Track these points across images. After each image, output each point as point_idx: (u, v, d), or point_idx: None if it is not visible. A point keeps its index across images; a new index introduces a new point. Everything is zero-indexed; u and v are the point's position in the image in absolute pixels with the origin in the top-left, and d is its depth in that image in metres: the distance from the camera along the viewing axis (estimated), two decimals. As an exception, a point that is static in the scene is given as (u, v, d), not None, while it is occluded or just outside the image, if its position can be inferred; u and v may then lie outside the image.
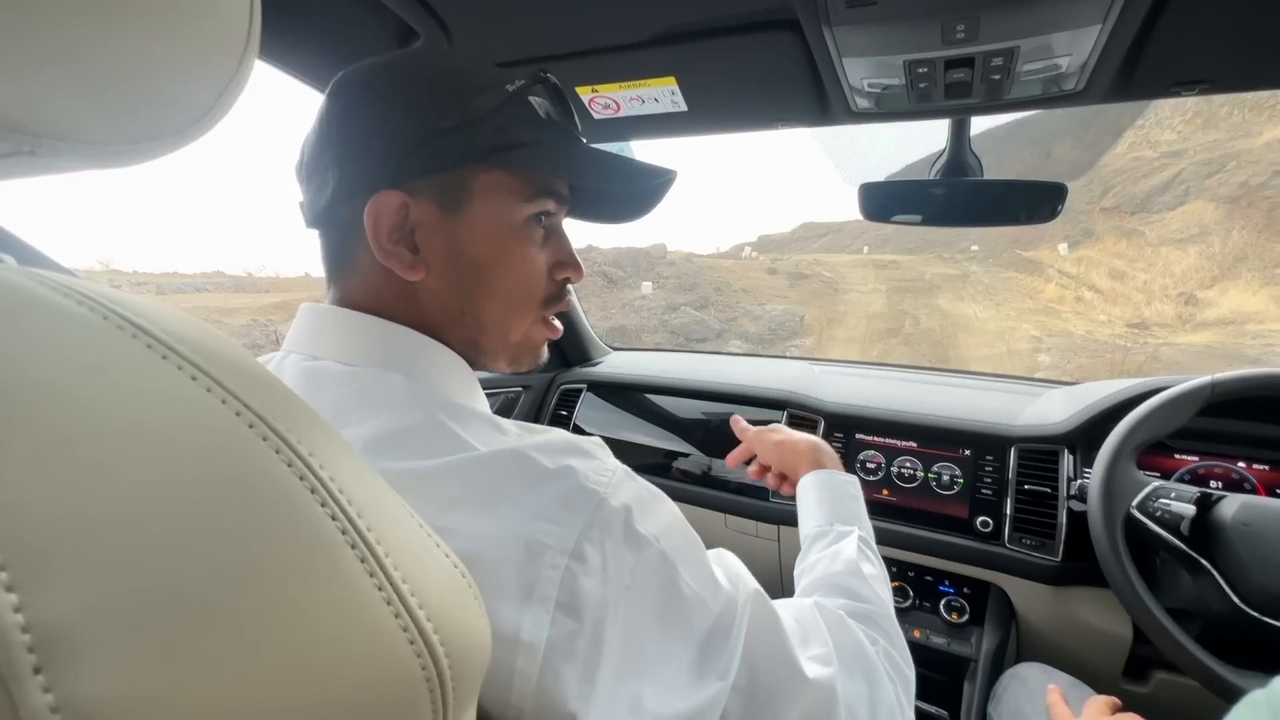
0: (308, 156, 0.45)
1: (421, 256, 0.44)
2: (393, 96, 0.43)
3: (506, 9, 0.72)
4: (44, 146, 0.22)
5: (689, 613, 0.38)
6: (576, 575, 0.34)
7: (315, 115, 0.45)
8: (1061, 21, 0.56)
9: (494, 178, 0.44)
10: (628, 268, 17.76)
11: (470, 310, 0.46)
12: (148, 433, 0.17)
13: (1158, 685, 0.95)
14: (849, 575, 0.56)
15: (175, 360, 0.19)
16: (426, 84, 0.43)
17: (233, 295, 12.25)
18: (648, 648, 0.36)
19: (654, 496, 0.42)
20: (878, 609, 0.53)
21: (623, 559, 0.36)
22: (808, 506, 0.68)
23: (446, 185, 0.43)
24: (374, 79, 0.44)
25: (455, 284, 0.45)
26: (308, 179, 0.45)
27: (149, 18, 0.22)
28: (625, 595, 0.36)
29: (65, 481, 0.15)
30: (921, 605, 1.07)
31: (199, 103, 0.26)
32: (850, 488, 0.69)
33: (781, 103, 0.81)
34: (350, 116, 0.43)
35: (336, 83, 0.45)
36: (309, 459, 0.20)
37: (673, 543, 0.40)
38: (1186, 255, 19.78)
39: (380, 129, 0.42)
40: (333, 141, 0.43)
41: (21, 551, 0.13)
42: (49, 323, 0.18)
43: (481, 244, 0.45)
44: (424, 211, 0.43)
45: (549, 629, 0.33)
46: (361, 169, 0.42)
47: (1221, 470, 0.96)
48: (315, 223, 0.47)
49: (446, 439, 0.38)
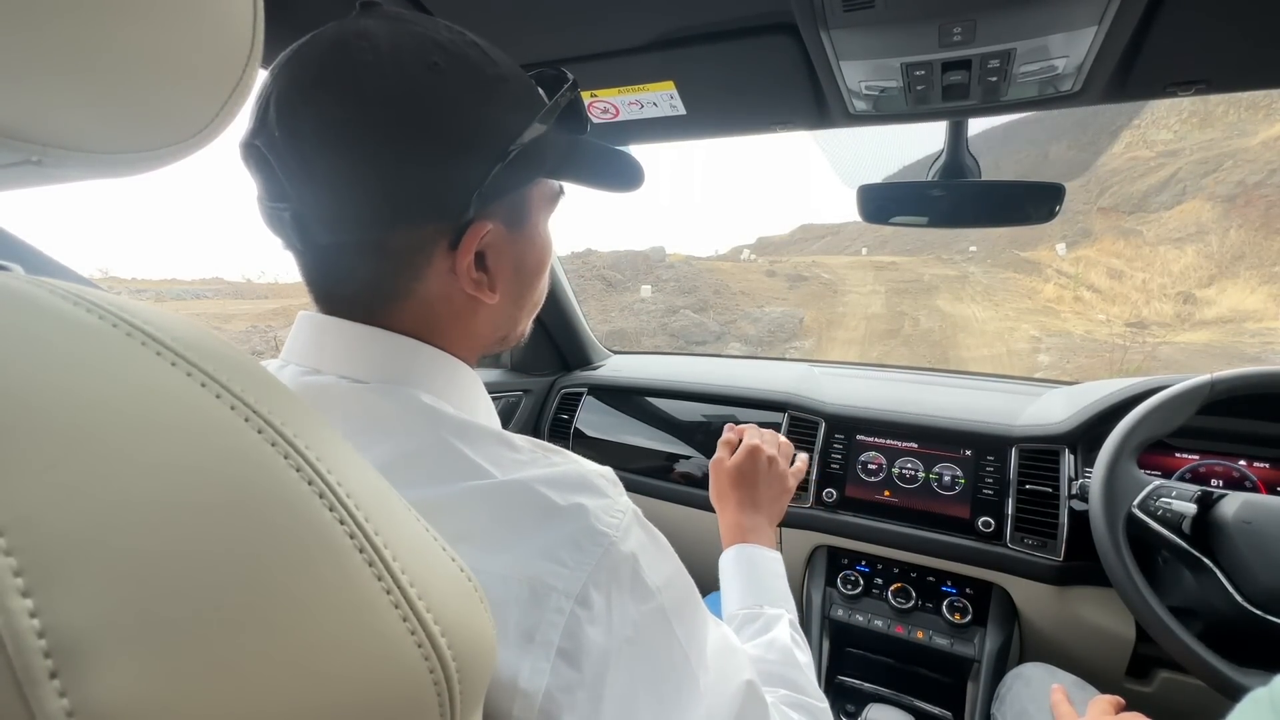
0: (320, 175, 0.37)
1: (490, 277, 0.43)
2: (464, 117, 0.38)
3: (504, 15, 0.72)
4: (50, 156, 0.22)
5: (681, 675, 0.38)
6: (580, 622, 0.33)
7: (316, 125, 0.36)
8: (1058, 23, 0.57)
9: (543, 189, 0.45)
10: (626, 271, 17.78)
11: (516, 315, 0.48)
12: (157, 439, 0.17)
13: (1161, 684, 0.95)
14: (786, 666, 0.54)
15: (184, 366, 0.19)
16: (497, 98, 0.39)
17: (232, 302, 12.26)
18: (642, 708, 0.35)
19: (659, 545, 0.41)
20: (814, 702, 0.53)
21: (626, 609, 0.36)
22: (731, 584, 0.65)
23: (514, 203, 0.43)
24: (431, 91, 0.37)
25: (513, 296, 0.46)
26: (313, 202, 0.38)
27: (154, 28, 0.22)
28: (627, 649, 0.35)
29: (77, 487, 0.15)
30: (924, 606, 1.07)
31: (204, 112, 0.26)
32: (775, 565, 0.65)
33: (779, 106, 0.82)
34: (405, 140, 0.36)
35: (366, 93, 0.36)
36: (316, 463, 0.20)
37: (673, 597, 0.39)
38: (1184, 254, 19.82)
39: (456, 157, 0.38)
40: (373, 170, 0.36)
41: (36, 557, 0.14)
42: (57, 330, 0.18)
43: (535, 255, 0.46)
44: (496, 234, 0.42)
45: (548, 677, 0.32)
46: (433, 199, 0.38)
47: (1222, 469, 0.96)
48: (333, 253, 0.40)
49: (457, 463, 0.37)
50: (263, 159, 0.37)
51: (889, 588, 1.10)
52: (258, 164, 0.38)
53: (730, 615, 0.62)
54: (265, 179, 0.39)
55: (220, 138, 0.28)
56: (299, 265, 0.43)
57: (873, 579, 1.12)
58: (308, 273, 0.43)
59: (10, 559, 0.13)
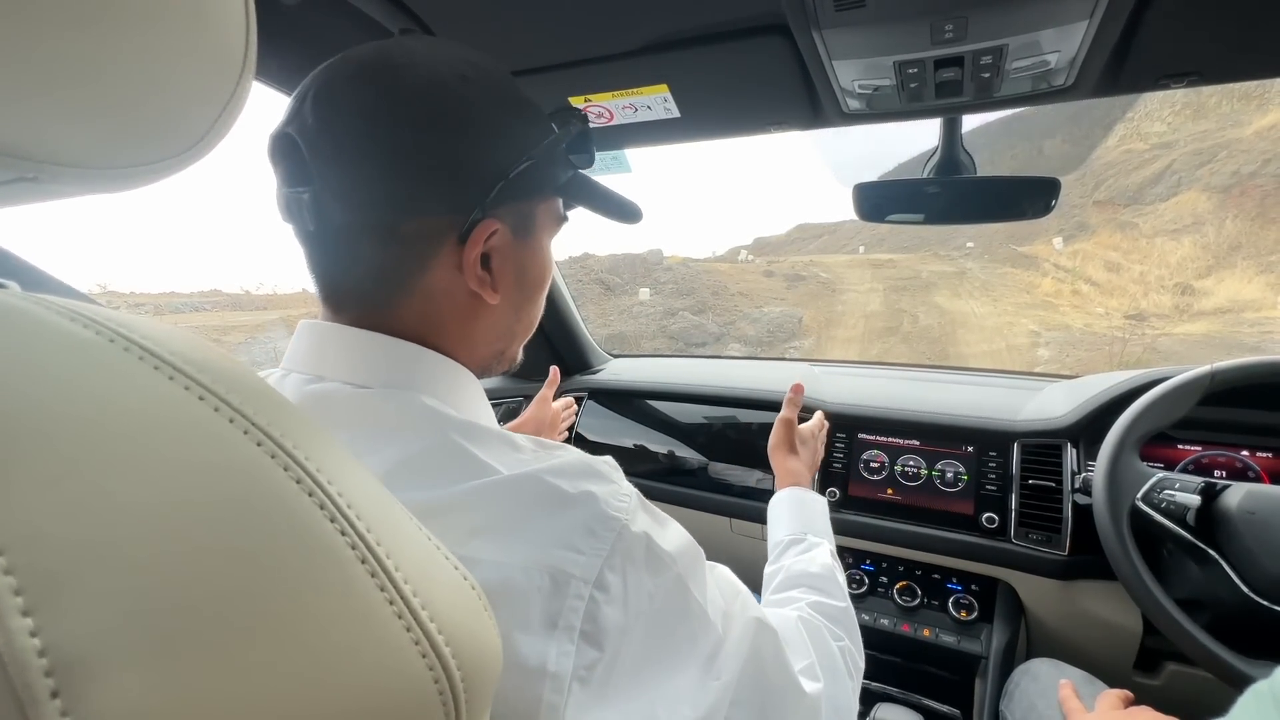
0: (348, 157, 0.39)
1: (494, 278, 0.44)
2: (486, 122, 0.41)
3: (498, 22, 0.72)
4: (46, 172, 0.22)
5: (697, 629, 0.41)
6: (599, 604, 0.35)
7: (353, 112, 0.39)
8: (1049, 18, 0.57)
9: (551, 205, 0.48)
10: (625, 274, 17.79)
11: (515, 327, 0.49)
12: (156, 453, 0.17)
13: (1170, 677, 0.95)
14: (825, 579, 0.63)
15: (182, 380, 0.19)
16: (517, 113, 0.43)
17: (231, 313, 12.26)
18: (661, 663, 0.38)
19: (663, 519, 0.43)
20: (848, 609, 0.61)
21: (642, 584, 0.38)
22: (780, 518, 0.75)
23: (523, 213, 0.45)
24: (460, 95, 0.40)
25: (514, 303, 0.47)
26: (336, 182, 0.39)
27: (147, 41, 0.22)
28: (642, 619, 0.37)
29: (77, 505, 0.15)
30: (929, 603, 1.07)
31: (198, 125, 0.26)
32: (822, 506, 0.76)
33: (773, 107, 0.82)
34: (433, 133, 0.39)
35: (403, 90, 0.39)
36: (316, 474, 0.20)
37: (686, 564, 0.41)
38: (1181, 246, 19.84)
39: (482, 152, 0.41)
40: (398, 156, 0.39)
41: (37, 576, 0.14)
42: (56, 347, 0.18)
43: (538, 267, 0.48)
44: (503, 237, 0.43)
45: (573, 659, 0.34)
46: (457, 193, 0.41)
47: (1225, 459, 0.96)
48: (357, 238, 0.41)
49: (464, 461, 0.38)
50: (292, 145, 0.40)
51: (894, 586, 1.09)
52: (285, 151, 0.40)
53: (777, 541, 0.71)
54: (291, 166, 0.40)
55: (216, 149, 0.28)
56: (307, 255, 0.44)
57: (877, 577, 1.12)
58: (316, 261, 0.44)
59: (10, 578, 0.13)
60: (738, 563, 1.41)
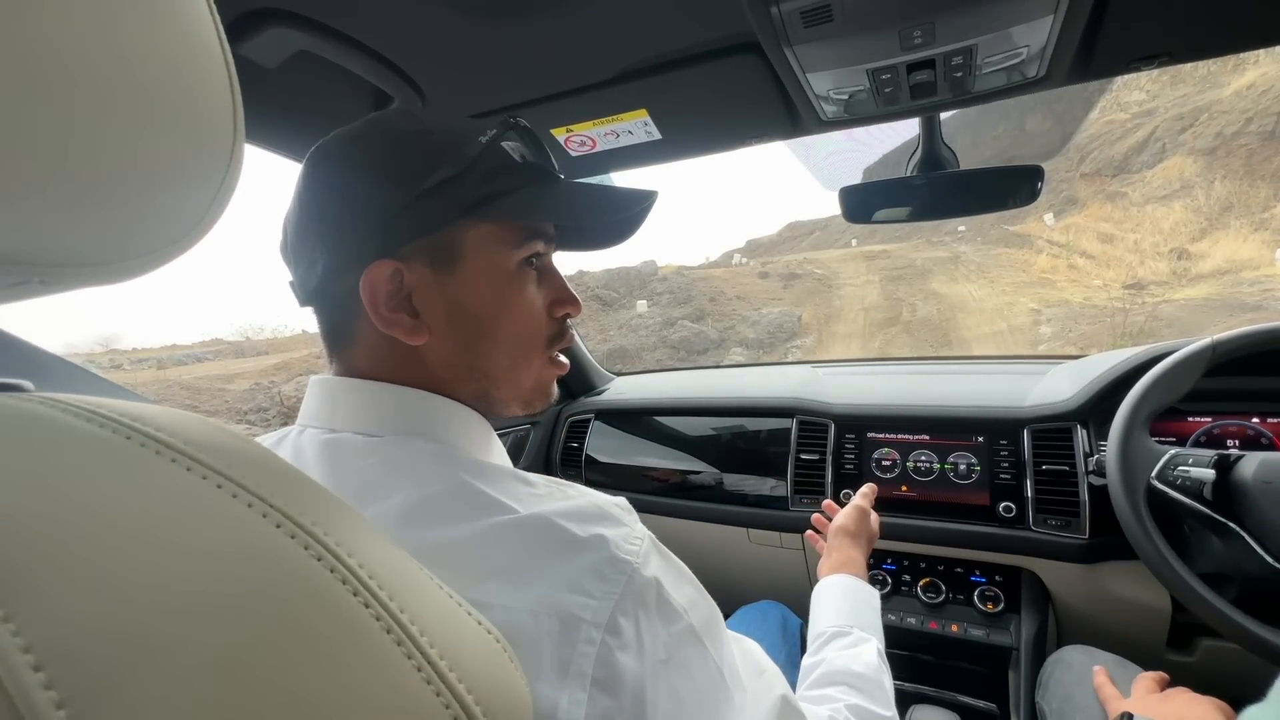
0: (292, 236, 0.45)
1: (423, 320, 0.43)
2: (368, 166, 0.42)
3: (476, 63, 0.73)
4: (52, 274, 0.23)
5: (719, 693, 0.39)
6: (612, 650, 0.34)
7: (294, 193, 0.45)
8: (1014, 16, 0.58)
9: (482, 230, 0.44)
10: (620, 289, 17.84)
11: (478, 364, 0.46)
12: (180, 547, 0.17)
13: (1204, 653, 0.94)
14: (869, 681, 0.57)
15: (200, 470, 0.19)
16: (399, 149, 0.43)
17: (234, 361, 12.31)
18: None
19: (678, 568, 0.42)
20: (884, 713, 0.55)
21: (656, 632, 0.37)
22: (826, 606, 0.68)
23: (436, 245, 0.43)
24: (346, 152, 0.43)
25: (461, 341, 0.45)
26: (295, 259, 0.45)
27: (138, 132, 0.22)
28: (662, 670, 0.36)
29: (110, 608, 0.15)
30: (955, 598, 1.06)
31: (198, 205, 0.26)
32: (874, 599, 0.70)
33: (752, 121, 0.83)
34: (329, 193, 0.43)
35: (310, 159, 0.44)
36: (336, 549, 0.20)
37: (699, 616, 0.40)
38: (1172, 211, 19.83)
39: (361, 202, 0.42)
40: (314, 219, 0.43)
41: (77, 688, 0.14)
42: (75, 450, 0.18)
43: (480, 297, 0.45)
44: (418, 275, 0.43)
45: (585, 707, 0.33)
46: (348, 244, 0.42)
47: (1236, 428, 0.96)
48: (310, 301, 0.46)
49: (475, 499, 0.38)
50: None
51: (917, 583, 1.09)
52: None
53: (820, 631, 0.65)
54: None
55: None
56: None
57: (900, 576, 1.12)
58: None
59: (51, 692, 0.14)
60: (759, 574, 1.40)
